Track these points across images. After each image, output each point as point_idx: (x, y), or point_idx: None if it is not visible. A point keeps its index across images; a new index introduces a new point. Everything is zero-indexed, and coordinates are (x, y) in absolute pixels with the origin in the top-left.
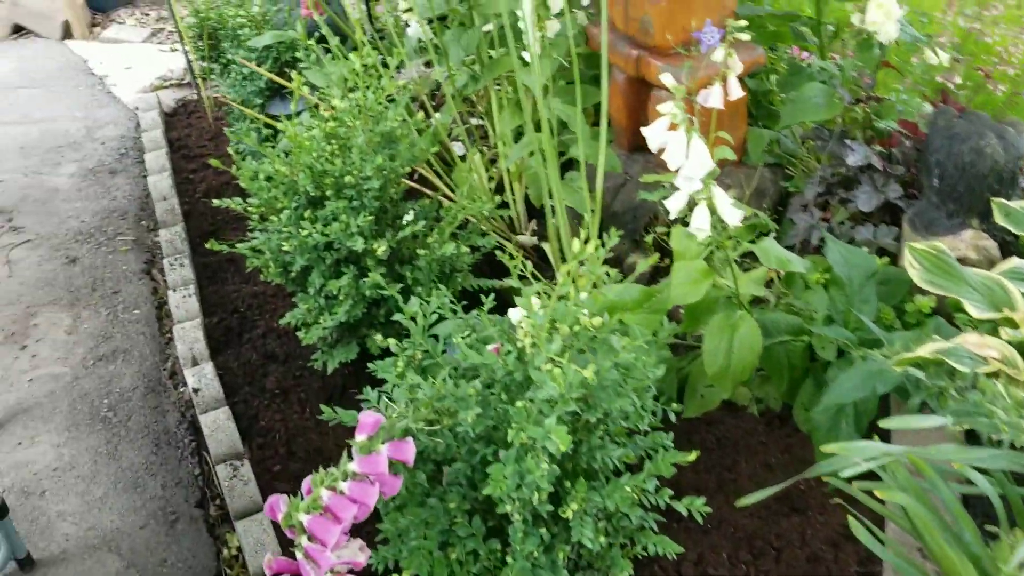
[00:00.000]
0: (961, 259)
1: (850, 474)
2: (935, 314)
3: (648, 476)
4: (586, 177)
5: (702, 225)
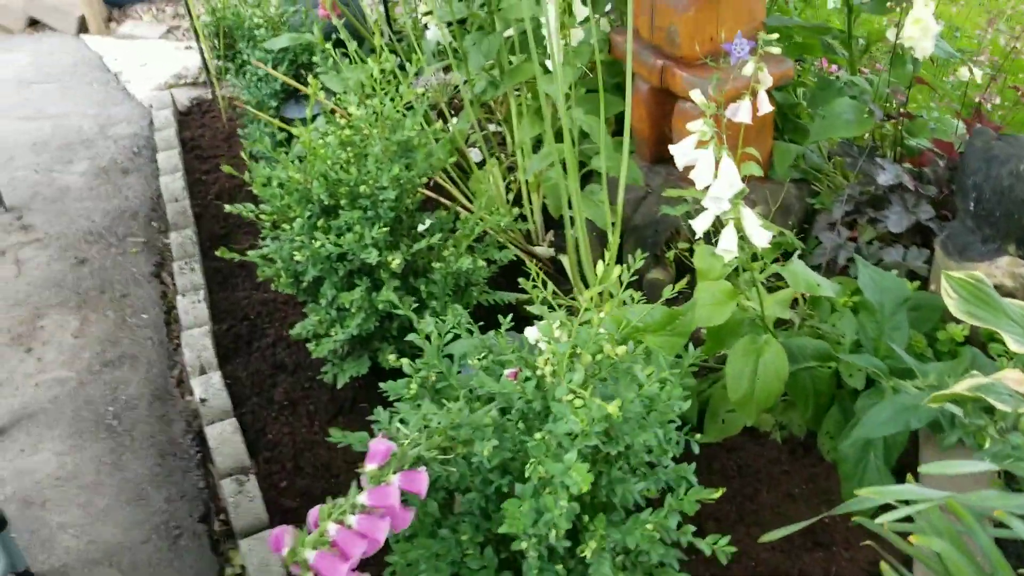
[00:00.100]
0: (996, 287)
1: (887, 520)
2: (968, 342)
3: (670, 512)
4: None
5: (729, 247)
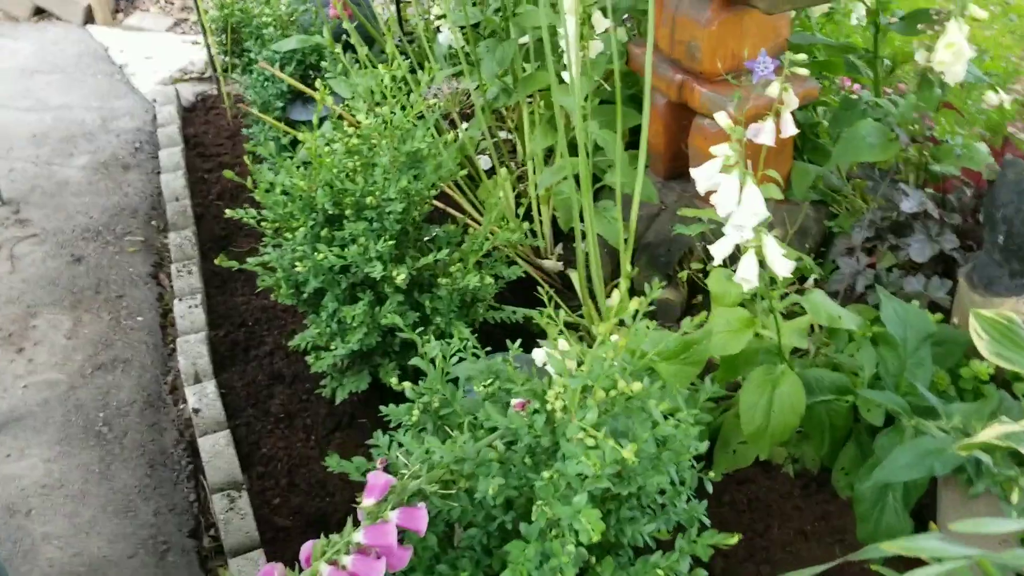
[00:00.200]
0: None
1: None
2: (992, 380)
3: (682, 555)
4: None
5: (749, 276)
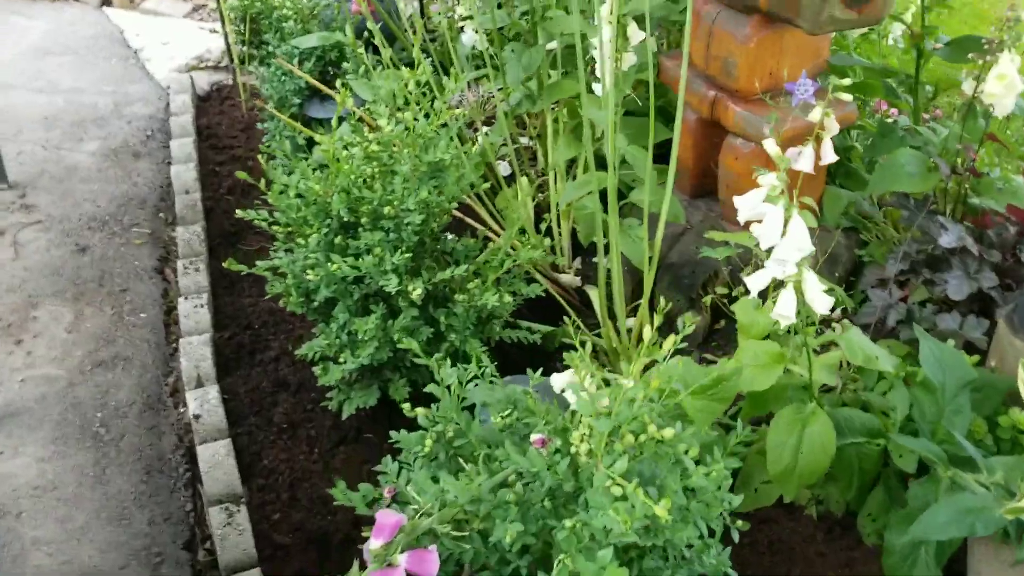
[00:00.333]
0: None
1: None
2: None
3: None
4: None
5: (786, 312)
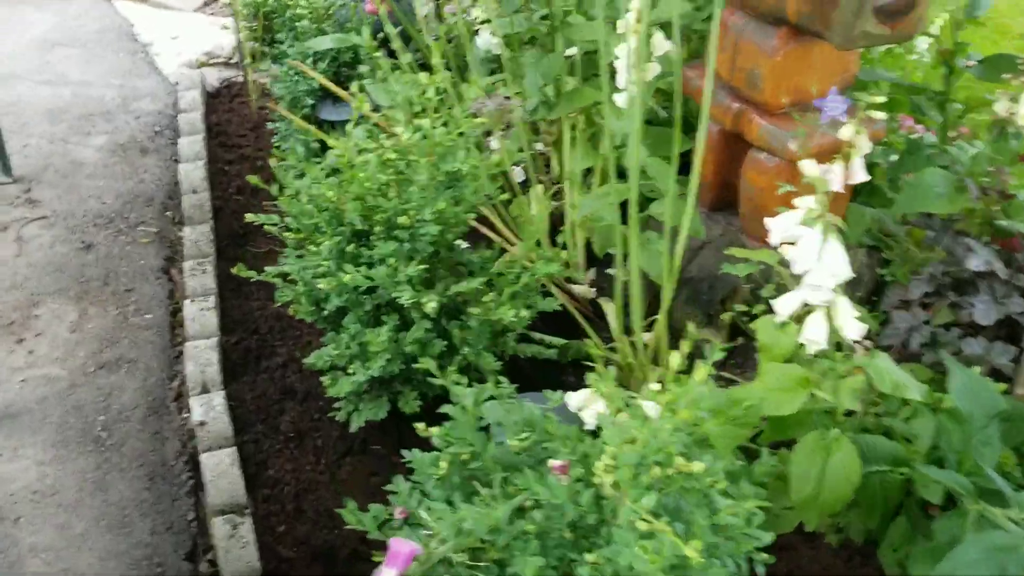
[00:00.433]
0: None
1: None
2: None
3: None
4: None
5: (816, 338)
